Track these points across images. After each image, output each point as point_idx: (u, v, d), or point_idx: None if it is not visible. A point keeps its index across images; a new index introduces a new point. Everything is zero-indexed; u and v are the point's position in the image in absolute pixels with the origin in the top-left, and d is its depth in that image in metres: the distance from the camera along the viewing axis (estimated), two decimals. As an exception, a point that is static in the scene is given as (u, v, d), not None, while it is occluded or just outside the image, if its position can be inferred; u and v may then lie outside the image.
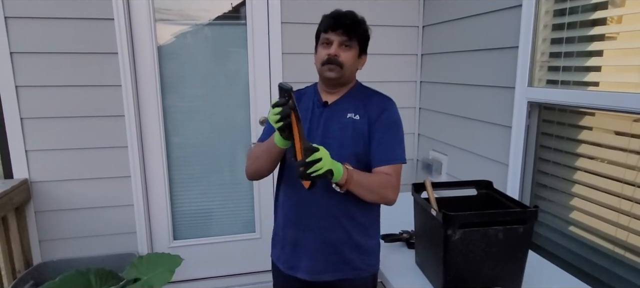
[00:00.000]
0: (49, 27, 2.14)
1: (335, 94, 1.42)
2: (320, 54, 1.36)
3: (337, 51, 1.33)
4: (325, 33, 1.34)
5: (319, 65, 1.37)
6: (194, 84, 2.51)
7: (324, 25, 1.35)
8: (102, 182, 2.36)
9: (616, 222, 1.42)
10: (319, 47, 1.38)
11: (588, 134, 1.54)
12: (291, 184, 1.40)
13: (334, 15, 1.35)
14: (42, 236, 2.33)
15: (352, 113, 1.38)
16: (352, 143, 1.35)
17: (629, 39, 1.44)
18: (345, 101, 1.41)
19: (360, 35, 1.37)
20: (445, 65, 2.39)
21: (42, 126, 2.22)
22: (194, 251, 2.62)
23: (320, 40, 1.38)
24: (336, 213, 1.37)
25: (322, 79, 1.40)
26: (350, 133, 1.36)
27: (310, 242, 1.39)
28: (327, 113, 1.39)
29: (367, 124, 1.37)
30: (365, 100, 1.41)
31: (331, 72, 1.34)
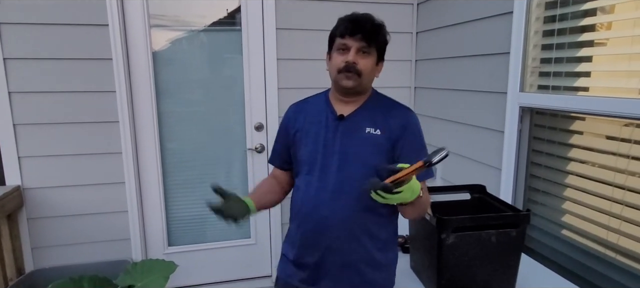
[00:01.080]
0: (42, 33, 2.14)
1: (351, 104, 1.32)
2: (335, 61, 1.26)
3: (355, 58, 1.24)
4: (342, 38, 1.25)
5: (334, 72, 1.27)
6: (189, 90, 2.51)
7: (342, 29, 1.25)
8: (96, 189, 2.34)
9: (607, 225, 1.44)
10: (334, 53, 1.28)
11: (579, 138, 1.57)
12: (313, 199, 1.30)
13: (352, 18, 1.26)
14: (35, 243, 2.31)
15: (371, 127, 1.29)
16: (371, 158, 1.26)
17: (617, 45, 1.46)
18: (362, 114, 1.31)
19: (380, 41, 1.29)
20: (438, 71, 2.42)
21: (35, 132, 2.21)
22: (189, 257, 2.61)
23: (335, 45, 1.28)
24: (358, 234, 1.29)
25: (337, 88, 1.30)
26: (371, 150, 1.27)
27: (331, 265, 1.31)
28: (343, 127, 1.30)
29: (390, 139, 1.28)
30: (384, 112, 1.32)
31: (348, 80, 1.25)
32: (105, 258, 2.40)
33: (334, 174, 1.28)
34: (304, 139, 1.34)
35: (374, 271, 1.33)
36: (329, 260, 1.31)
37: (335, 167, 1.28)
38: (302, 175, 1.35)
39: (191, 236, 2.66)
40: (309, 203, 1.31)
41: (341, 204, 1.27)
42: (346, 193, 1.27)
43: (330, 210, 1.27)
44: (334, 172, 1.28)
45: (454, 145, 2.30)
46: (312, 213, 1.30)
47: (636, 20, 1.34)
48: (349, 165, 1.27)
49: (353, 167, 1.27)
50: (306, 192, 1.32)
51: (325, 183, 1.28)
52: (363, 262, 1.31)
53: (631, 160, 1.36)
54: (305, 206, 1.32)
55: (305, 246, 1.34)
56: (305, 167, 1.33)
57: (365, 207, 1.27)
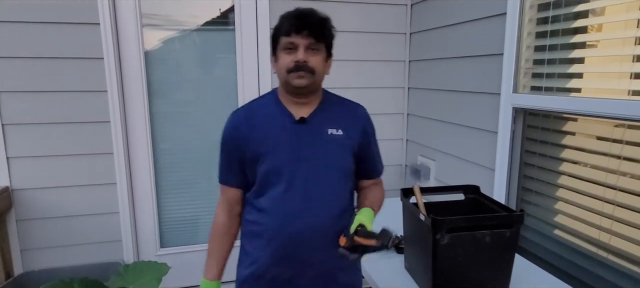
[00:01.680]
0: (32, 32, 2.10)
1: (306, 105, 1.27)
2: (284, 61, 1.19)
3: (305, 56, 1.17)
4: (288, 36, 1.18)
5: (283, 73, 1.20)
6: (181, 90, 2.49)
7: (286, 27, 1.18)
8: (86, 190, 2.31)
9: (599, 225, 1.45)
10: (280, 53, 1.20)
11: (571, 139, 1.58)
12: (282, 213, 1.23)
13: (297, 15, 1.19)
14: (24, 245, 2.27)
15: (333, 128, 1.26)
16: (339, 160, 1.27)
17: (609, 47, 1.48)
18: (321, 115, 1.27)
19: (328, 37, 1.24)
20: (432, 71, 2.43)
21: (25, 132, 2.18)
22: (182, 259, 2.59)
23: (281, 44, 1.20)
24: (333, 240, 1.23)
25: (289, 89, 1.23)
26: (337, 152, 1.26)
27: (307, 278, 1.27)
28: (305, 131, 1.25)
29: (353, 139, 1.29)
30: (342, 112, 1.32)
31: (301, 79, 1.18)
32: (97, 260, 2.36)
33: (303, 183, 1.22)
34: (262, 150, 1.23)
35: (347, 275, 1.33)
36: (305, 273, 1.27)
37: (304, 175, 1.22)
38: (265, 189, 1.24)
39: (184, 237, 2.64)
40: (277, 218, 1.23)
41: (315, 213, 1.23)
42: (319, 201, 1.23)
43: (304, 223, 1.22)
44: (302, 181, 1.22)
45: (447, 146, 2.31)
46: (283, 228, 1.22)
47: (627, 22, 1.36)
48: (318, 170, 1.23)
49: (322, 172, 1.24)
50: (273, 207, 1.23)
51: (295, 194, 1.22)
52: (338, 267, 1.30)
53: (622, 161, 1.37)
54: (274, 222, 1.23)
55: (277, 264, 1.26)
56: (270, 180, 1.23)
57: (339, 212, 1.27)
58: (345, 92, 2.81)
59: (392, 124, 2.76)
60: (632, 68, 1.33)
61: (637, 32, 1.31)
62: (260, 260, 1.27)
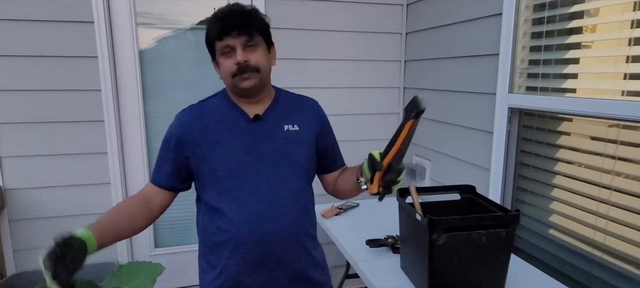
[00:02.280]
0: (25, 30, 2.08)
1: (259, 104, 1.24)
2: (225, 66, 1.15)
3: (244, 56, 1.13)
4: (221, 40, 1.13)
5: (228, 78, 1.16)
6: (176, 89, 2.48)
7: (215, 31, 1.13)
8: (80, 189, 2.29)
9: (594, 225, 1.46)
10: (220, 59, 1.16)
11: (566, 139, 1.59)
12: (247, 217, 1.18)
13: (222, 16, 1.13)
14: (17, 246, 2.24)
15: (289, 124, 1.24)
16: (297, 156, 1.24)
17: (603, 47, 1.49)
18: (274, 112, 1.25)
19: (260, 27, 1.17)
20: (428, 71, 2.43)
21: (17, 132, 2.15)
22: (176, 259, 2.57)
23: (217, 50, 1.16)
24: (301, 238, 1.25)
25: (238, 92, 1.19)
26: (296, 148, 1.24)
27: (281, 279, 1.23)
28: (261, 129, 1.22)
29: (310, 133, 1.27)
30: (295, 106, 1.29)
31: (248, 80, 1.15)
32: (90, 260, 2.33)
33: (266, 182, 1.19)
34: (214, 151, 1.18)
35: (317, 271, 1.32)
36: (278, 275, 1.22)
37: (266, 175, 1.19)
38: (224, 193, 1.18)
39: (178, 237, 2.62)
40: (243, 223, 1.17)
41: (282, 212, 1.20)
42: (285, 199, 1.20)
43: (272, 223, 1.18)
44: (264, 180, 1.19)
45: (443, 146, 2.32)
46: (251, 232, 1.17)
47: (622, 23, 1.36)
48: (279, 168, 1.20)
49: (284, 169, 1.21)
50: (237, 211, 1.17)
51: (259, 195, 1.18)
52: (309, 265, 1.29)
53: (617, 161, 1.38)
54: (240, 227, 1.17)
55: (248, 271, 1.20)
56: (229, 183, 1.18)
57: (303, 208, 1.26)
58: (341, 92, 2.82)
59: (387, 124, 2.76)
60: (627, 69, 1.34)
61: (632, 33, 1.32)
62: (229, 269, 1.21)
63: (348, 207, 2.27)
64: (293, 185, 1.23)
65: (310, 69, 2.52)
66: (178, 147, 1.21)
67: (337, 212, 2.19)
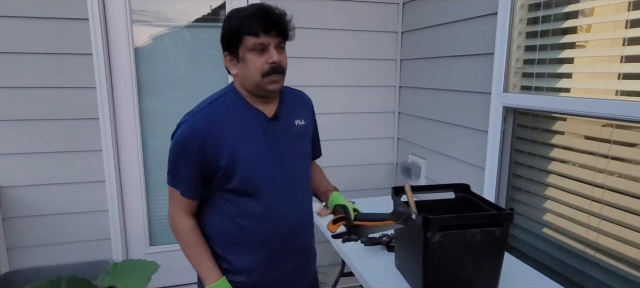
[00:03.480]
0: (19, 27, 2.07)
1: (271, 102, 1.24)
2: (256, 63, 1.12)
3: (278, 57, 1.13)
4: (257, 37, 1.11)
5: (256, 76, 1.13)
6: (172, 87, 2.47)
7: (254, 26, 1.10)
8: (75, 187, 2.28)
9: (587, 224, 1.47)
10: (248, 55, 1.13)
11: (560, 138, 1.60)
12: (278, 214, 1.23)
13: (264, 13, 1.12)
14: (10, 243, 2.23)
15: (297, 119, 1.29)
16: (306, 149, 1.33)
17: (598, 47, 1.50)
18: (286, 109, 1.27)
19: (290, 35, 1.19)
20: (424, 70, 2.43)
21: (12, 129, 2.14)
22: (172, 257, 2.56)
23: (246, 45, 1.12)
24: (312, 221, 1.37)
25: (262, 92, 1.18)
26: (305, 141, 1.32)
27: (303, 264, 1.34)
28: (280, 127, 1.24)
29: (309, 125, 1.34)
30: (294, 101, 1.33)
31: (277, 83, 1.16)
32: (85, 258, 2.34)
33: (288, 178, 1.24)
34: (236, 153, 1.16)
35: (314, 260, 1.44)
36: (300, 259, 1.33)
37: (287, 171, 1.24)
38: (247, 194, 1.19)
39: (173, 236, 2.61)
40: (272, 221, 1.21)
41: (302, 205, 1.30)
42: (302, 193, 1.30)
43: (296, 217, 1.27)
44: (286, 177, 1.24)
45: (438, 145, 2.32)
46: (279, 229, 1.23)
47: (616, 23, 1.37)
48: (296, 163, 1.27)
49: (299, 163, 1.29)
50: (265, 210, 1.20)
51: (283, 192, 1.23)
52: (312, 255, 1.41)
53: (610, 160, 1.39)
54: (268, 225, 1.21)
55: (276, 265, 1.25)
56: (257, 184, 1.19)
57: (311, 195, 1.37)
58: (337, 90, 2.82)
59: (383, 123, 2.77)
60: (621, 68, 1.35)
61: (626, 33, 1.33)
62: (256, 266, 1.24)
63: (343, 205, 2.26)
64: (306, 177, 1.33)
65: (306, 67, 2.52)
66: (195, 156, 1.16)
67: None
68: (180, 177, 1.20)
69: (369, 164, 2.75)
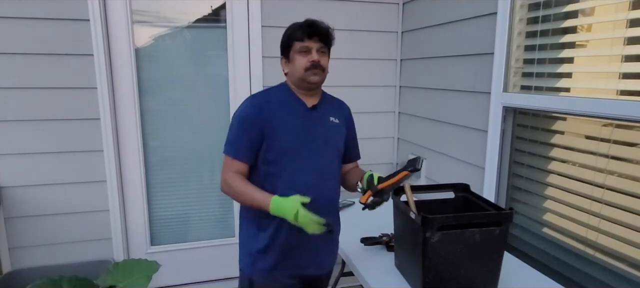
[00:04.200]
0: (20, 27, 2.07)
1: (314, 96, 1.53)
2: (300, 62, 1.43)
3: (318, 57, 1.43)
4: (302, 41, 1.42)
5: (301, 71, 1.43)
6: (172, 87, 2.47)
7: (300, 34, 1.42)
8: (76, 187, 2.29)
9: (587, 223, 1.47)
10: (296, 55, 1.44)
11: (560, 138, 1.60)
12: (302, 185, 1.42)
13: (309, 24, 1.44)
14: (12, 243, 2.24)
15: (333, 117, 1.55)
16: (337, 142, 1.55)
17: (597, 47, 1.50)
18: (324, 106, 1.55)
19: (331, 43, 1.49)
20: (424, 70, 2.43)
21: (13, 129, 2.15)
22: (173, 257, 2.57)
23: (295, 49, 1.44)
24: (336, 204, 1.60)
25: (304, 85, 1.47)
26: (337, 136, 1.56)
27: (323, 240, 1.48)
28: (315, 117, 1.51)
29: (345, 127, 1.60)
30: (335, 105, 1.61)
31: (316, 75, 1.44)
32: (86, 258, 2.34)
33: (316, 159, 1.48)
34: (280, 129, 1.44)
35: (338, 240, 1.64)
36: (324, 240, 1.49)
37: (316, 152, 1.48)
38: (281, 163, 1.44)
39: (174, 235, 2.62)
40: (298, 189, 1.40)
41: (326, 184, 1.51)
42: (327, 174, 1.51)
43: (319, 192, 1.44)
44: (315, 156, 1.47)
45: (438, 145, 2.32)
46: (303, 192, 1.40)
47: (616, 22, 1.37)
48: (326, 149, 1.51)
49: (329, 151, 1.52)
50: (294, 180, 1.43)
51: (311, 168, 1.46)
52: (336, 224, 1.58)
53: (610, 160, 1.39)
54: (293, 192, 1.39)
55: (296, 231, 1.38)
56: (288, 155, 1.44)
57: (338, 183, 1.59)
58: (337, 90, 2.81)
59: (383, 122, 2.77)
60: (621, 68, 1.35)
61: (626, 32, 1.32)
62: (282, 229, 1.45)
63: (343, 205, 2.27)
64: (334, 164, 1.55)
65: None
66: (251, 126, 1.43)
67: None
68: (237, 144, 1.46)
69: (370, 164, 2.72)
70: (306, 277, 1.55)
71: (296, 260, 1.51)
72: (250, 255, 1.52)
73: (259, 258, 1.50)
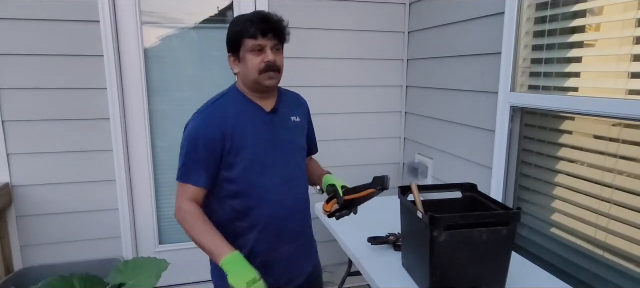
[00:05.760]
0: (32, 29, 2.11)
1: (270, 99, 1.39)
2: (253, 62, 1.28)
3: (274, 57, 1.28)
4: (255, 39, 1.26)
5: (254, 74, 1.28)
6: (180, 88, 2.50)
7: (253, 30, 1.26)
8: (86, 186, 2.32)
9: (595, 224, 1.46)
10: (248, 55, 1.28)
11: (568, 138, 1.59)
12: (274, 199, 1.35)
13: (261, 19, 1.28)
14: (24, 241, 2.28)
15: (294, 116, 1.44)
16: (301, 143, 1.47)
17: (606, 46, 1.49)
18: (282, 106, 1.42)
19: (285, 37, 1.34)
20: (431, 70, 2.43)
21: (25, 129, 2.18)
22: (181, 256, 2.59)
23: (246, 46, 1.28)
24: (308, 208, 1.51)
25: (258, 88, 1.33)
26: (300, 135, 1.47)
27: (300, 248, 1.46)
28: (277, 120, 1.38)
29: (304, 122, 1.49)
30: (292, 100, 1.49)
31: (272, 80, 1.30)
32: (95, 256, 2.37)
33: (284, 166, 1.38)
34: (242, 143, 1.30)
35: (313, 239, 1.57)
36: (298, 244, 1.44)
37: (283, 160, 1.38)
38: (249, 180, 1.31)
39: (182, 234, 2.62)
40: (271, 205, 1.34)
41: (297, 192, 1.42)
42: (297, 180, 1.42)
43: (292, 202, 1.39)
44: (283, 165, 1.37)
45: (444, 144, 2.32)
46: (278, 211, 1.36)
47: (625, 22, 1.37)
48: (292, 154, 1.41)
49: (294, 154, 1.43)
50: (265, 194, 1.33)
51: (280, 178, 1.36)
52: (312, 234, 1.54)
53: (619, 160, 1.38)
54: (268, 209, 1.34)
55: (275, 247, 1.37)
56: (256, 169, 1.32)
57: (306, 185, 1.49)
58: (344, 91, 2.83)
59: (390, 123, 2.77)
60: (630, 68, 1.34)
61: (635, 31, 1.32)
62: (259, 247, 1.36)
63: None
64: (301, 167, 1.46)
65: (313, 67, 2.53)
66: (210, 146, 1.28)
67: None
68: (191, 168, 1.30)
69: (376, 164, 2.76)
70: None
71: (280, 277, 1.40)
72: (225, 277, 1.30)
73: None
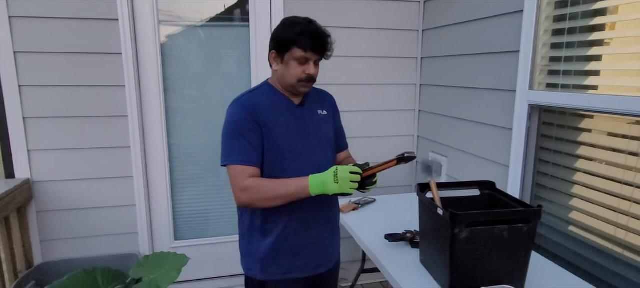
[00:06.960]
0: (53, 27, 2.14)
1: (299, 95, 1.50)
2: (295, 71, 1.39)
3: (315, 71, 1.42)
4: (304, 52, 1.37)
5: (293, 80, 1.40)
6: (196, 86, 2.52)
7: (304, 44, 1.36)
8: (104, 182, 2.36)
9: (615, 222, 1.46)
10: (292, 62, 1.38)
11: (587, 136, 1.59)
12: None
13: (315, 35, 1.38)
14: (43, 236, 2.32)
15: (320, 110, 1.54)
16: (328, 133, 1.56)
17: (626, 44, 1.49)
18: (310, 101, 1.53)
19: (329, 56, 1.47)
20: (445, 68, 2.44)
21: (45, 126, 2.22)
22: (196, 251, 2.62)
23: (293, 54, 1.38)
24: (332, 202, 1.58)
25: (292, 91, 1.45)
26: (327, 127, 1.56)
27: (327, 234, 1.55)
28: (305, 114, 1.50)
29: (331, 116, 1.59)
30: (318, 95, 1.59)
31: (306, 88, 1.44)
32: (113, 251, 2.41)
33: (313, 154, 1.47)
34: (274, 130, 1.41)
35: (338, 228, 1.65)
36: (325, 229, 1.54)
37: (312, 149, 1.48)
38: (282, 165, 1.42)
39: (197, 230, 2.68)
40: None
41: None
42: (326, 168, 1.41)
43: None
44: (312, 152, 1.47)
45: (459, 142, 2.33)
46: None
47: (646, 20, 1.36)
48: (320, 144, 1.51)
49: (323, 144, 1.52)
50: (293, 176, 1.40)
51: (310, 165, 1.43)
52: (338, 223, 1.63)
53: (639, 158, 1.38)
54: None
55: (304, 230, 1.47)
56: (287, 156, 1.42)
57: None
58: (357, 89, 2.84)
59: (403, 120, 2.78)
60: (651, 66, 1.34)
61: (657, 30, 1.31)
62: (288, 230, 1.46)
63: (365, 202, 2.29)
64: (329, 156, 1.54)
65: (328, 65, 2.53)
66: (252, 128, 1.39)
67: (354, 207, 2.21)
68: (237, 150, 1.38)
69: (389, 162, 2.76)
70: (319, 276, 1.55)
71: (309, 261, 1.51)
72: (259, 261, 1.50)
73: (269, 263, 1.49)
